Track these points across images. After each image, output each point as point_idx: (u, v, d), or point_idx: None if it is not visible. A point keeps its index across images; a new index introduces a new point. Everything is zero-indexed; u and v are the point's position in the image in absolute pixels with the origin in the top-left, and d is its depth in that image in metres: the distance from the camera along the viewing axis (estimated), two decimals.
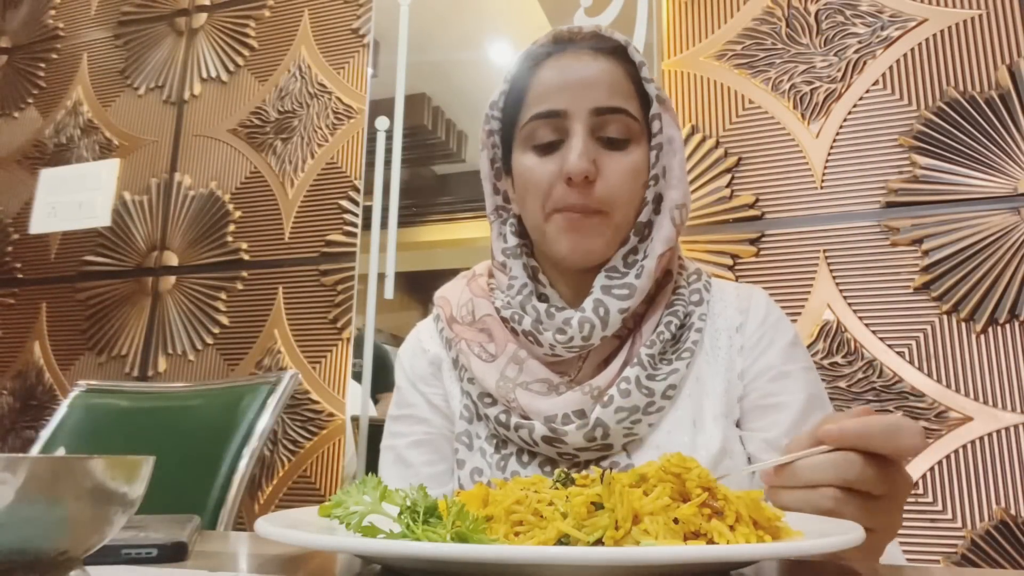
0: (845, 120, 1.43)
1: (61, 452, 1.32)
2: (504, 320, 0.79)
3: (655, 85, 0.78)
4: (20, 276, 2.11)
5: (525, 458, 0.75)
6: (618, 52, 0.78)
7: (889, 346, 1.32)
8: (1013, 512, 1.21)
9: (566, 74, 0.75)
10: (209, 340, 1.85)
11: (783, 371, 0.76)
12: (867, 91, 1.43)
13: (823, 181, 1.43)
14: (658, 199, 0.78)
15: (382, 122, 1.75)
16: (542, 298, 0.80)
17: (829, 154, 1.43)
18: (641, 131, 0.77)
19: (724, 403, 0.75)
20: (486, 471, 0.76)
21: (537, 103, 0.76)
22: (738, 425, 0.77)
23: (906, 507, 1.36)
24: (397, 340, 1.63)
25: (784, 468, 0.48)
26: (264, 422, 1.35)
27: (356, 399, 1.63)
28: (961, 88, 1.37)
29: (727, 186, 1.47)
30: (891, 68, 1.42)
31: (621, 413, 0.71)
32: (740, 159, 1.48)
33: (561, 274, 0.80)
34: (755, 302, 0.81)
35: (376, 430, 0.93)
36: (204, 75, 2.05)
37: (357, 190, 1.78)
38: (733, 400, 0.76)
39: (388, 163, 1.73)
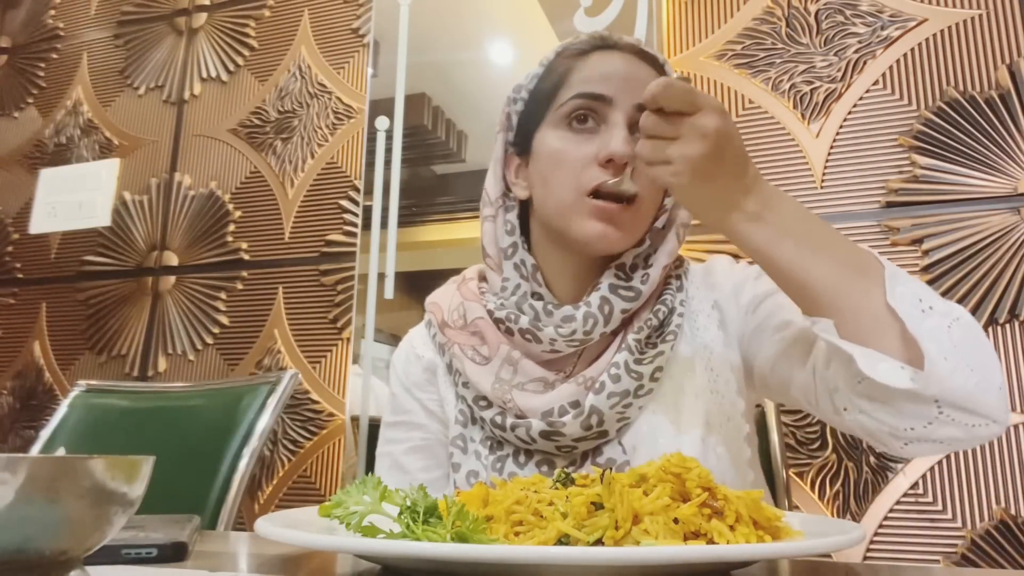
0: (845, 120, 1.43)
1: (61, 452, 1.32)
2: (497, 321, 0.79)
3: None
4: (20, 276, 2.11)
5: (522, 458, 0.76)
6: (655, 64, 0.80)
7: None
8: (1013, 512, 1.21)
9: (614, 66, 0.78)
10: (209, 340, 1.85)
11: (762, 293, 0.79)
12: (867, 91, 1.43)
13: (823, 181, 1.42)
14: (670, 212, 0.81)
15: (382, 122, 1.75)
16: (535, 297, 0.80)
17: (829, 154, 1.43)
18: None
19: (706, 378, 0.77)
20: (482, 473, 0.77)
21: (583, 84, 0.77)
22: (753, 375, 0.79)
23: (906, 507, 1.35)
24: (397, 340, 1.62)
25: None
26: (264, 422, 1.35)
27: (356, 398, 1.63)
28: (961, 88, 1.37)
29: None
30: (891, 68, 1.42)
31: (613, 398, 0.73)
32: None
33: (565, 264, 0.81)
34: (716, 275, 0.83)
35: (376, 430, 0.93)
36: (204, 75, 2.04)
37: (357, 190, 1.78)
38: (724, 371, 0.78)
39: (388, 163, 1.73)
